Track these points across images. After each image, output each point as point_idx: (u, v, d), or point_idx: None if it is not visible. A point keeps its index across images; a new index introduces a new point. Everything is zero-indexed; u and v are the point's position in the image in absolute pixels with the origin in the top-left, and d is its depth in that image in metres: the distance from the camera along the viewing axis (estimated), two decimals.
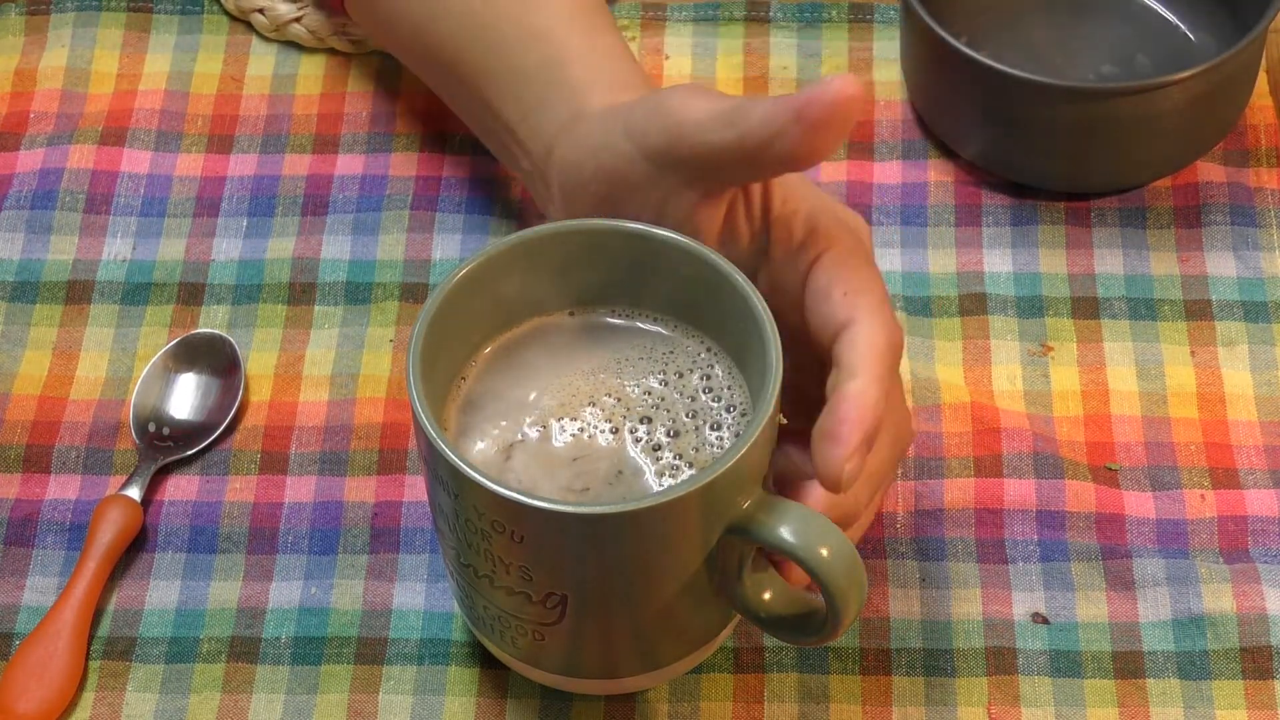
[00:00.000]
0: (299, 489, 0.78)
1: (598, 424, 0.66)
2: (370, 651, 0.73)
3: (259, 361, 0.82)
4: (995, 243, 0.85)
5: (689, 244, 0.66)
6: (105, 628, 0.74)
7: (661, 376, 0.67)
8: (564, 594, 0.64)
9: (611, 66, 0.74)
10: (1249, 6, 0.84)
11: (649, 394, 0.67)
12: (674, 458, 0.65)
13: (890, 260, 0.84)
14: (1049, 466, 0.77)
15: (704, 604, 0.65)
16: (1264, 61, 0.89)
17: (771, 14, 0.93)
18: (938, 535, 0.76)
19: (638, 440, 0.66)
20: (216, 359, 0.81)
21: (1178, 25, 0.90)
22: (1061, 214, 0.86)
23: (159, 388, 0.80)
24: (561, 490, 0.64)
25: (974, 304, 0.83)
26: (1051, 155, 0.84)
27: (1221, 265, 0.84)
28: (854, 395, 0.61)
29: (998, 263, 0.84)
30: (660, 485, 0.64)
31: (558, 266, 0.67)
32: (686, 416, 0.66)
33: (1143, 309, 0.83)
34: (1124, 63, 0.89)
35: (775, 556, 0.66)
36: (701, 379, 0.67)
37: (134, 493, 0.77)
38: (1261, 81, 0.89)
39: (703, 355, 0.67)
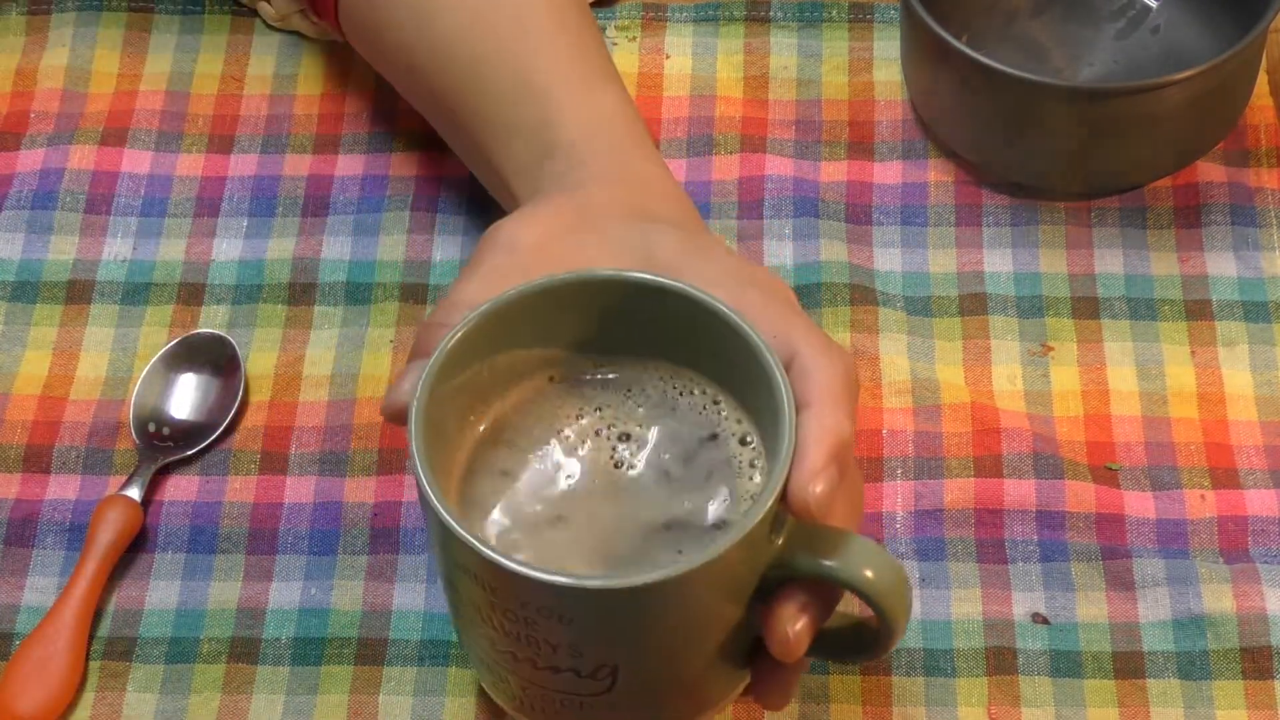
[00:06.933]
0: (299, 489, 0.78)
1: (616, 476, 0.63)
2: (370, 652, 0.73)
3: (259, 361, 0.82)
4: (995, 243, 0.85)
5: (681, 287, 0.63)
6: (105, 628, 0.74)
7: (669, 423, 0.64)
8: (615, 664, 0.61)
9: (608, 132, 0.72)
10: (1249, 6, 0.84)
11: (665, 438, 0.64)
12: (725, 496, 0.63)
13: (890, 260, 0.84)
14: (1049, 467, 0.77)
15: (749, 641, 0.64)
16: (1264, 61, 0.89)
17: (772, 13, 0.93)
18: (938, 535, 0.76)
19: (662, 489, 0.63)
20: (216, 359, 0.81)
21: (1178, 24, 0.90)
22: (1061, 214, 0.86)
23: (159, 388, 0.80)
24: (602, 554, 0.62)
25: (974, 304, 0.83)
26: (1051, 155, 0.84)
27: (1222, 265, 0.84)
28: (808, 420, 0.60)
29: (998, 263, 0.84)
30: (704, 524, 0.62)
31: (538, 326, 0.64)
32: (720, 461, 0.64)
33: (1143, 309, 0.83)
34: (1124, 63, 0.89)
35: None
36: (714, 423, 0.64)
37: (134, 493, 0.77)
38: (1261, 81, 0.89)
39: (709, 391, 0.65)
